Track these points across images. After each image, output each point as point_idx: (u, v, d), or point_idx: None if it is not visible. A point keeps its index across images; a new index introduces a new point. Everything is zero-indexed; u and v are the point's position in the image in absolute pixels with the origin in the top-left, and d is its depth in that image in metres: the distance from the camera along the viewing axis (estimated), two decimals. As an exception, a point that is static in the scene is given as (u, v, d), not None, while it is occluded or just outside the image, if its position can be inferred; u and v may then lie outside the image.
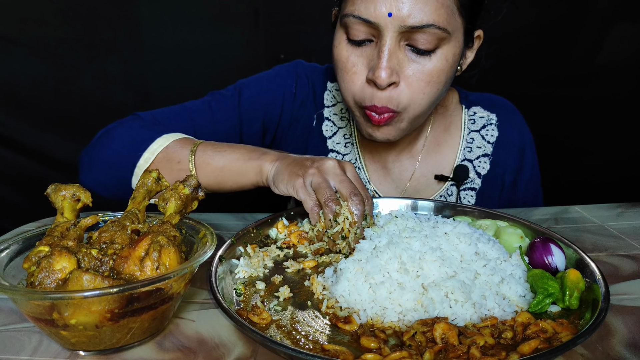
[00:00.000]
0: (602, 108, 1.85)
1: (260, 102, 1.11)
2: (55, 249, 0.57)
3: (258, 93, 1.11)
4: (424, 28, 0.84)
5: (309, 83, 1.15)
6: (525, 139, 1.17)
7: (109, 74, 1.76)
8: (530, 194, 1.18)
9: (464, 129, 1.15)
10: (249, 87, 1.11)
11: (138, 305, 0.55)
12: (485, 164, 1.13)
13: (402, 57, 0.88)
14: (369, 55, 0.90)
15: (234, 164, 0.87)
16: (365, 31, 0.88)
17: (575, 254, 0.75)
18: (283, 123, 1.14)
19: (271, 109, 1.12)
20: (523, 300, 0.67)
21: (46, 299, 0.52)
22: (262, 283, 0.73)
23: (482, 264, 0.70)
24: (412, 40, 0.86)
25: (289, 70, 1.15)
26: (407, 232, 0.76)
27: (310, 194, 0.80)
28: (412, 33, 0.85)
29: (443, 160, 1.14)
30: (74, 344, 0.57)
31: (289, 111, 1.13)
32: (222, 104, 1.09)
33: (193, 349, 0.59)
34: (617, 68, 1.81)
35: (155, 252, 0.58)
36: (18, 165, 1.81)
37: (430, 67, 0.89)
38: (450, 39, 0.88)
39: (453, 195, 1.12)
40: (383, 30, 0.85)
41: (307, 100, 1.15)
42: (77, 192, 0.68)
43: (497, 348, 0.58)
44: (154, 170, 0.74)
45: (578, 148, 1.90)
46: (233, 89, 1.12)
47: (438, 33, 0.85)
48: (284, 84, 1.13)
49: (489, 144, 1.14)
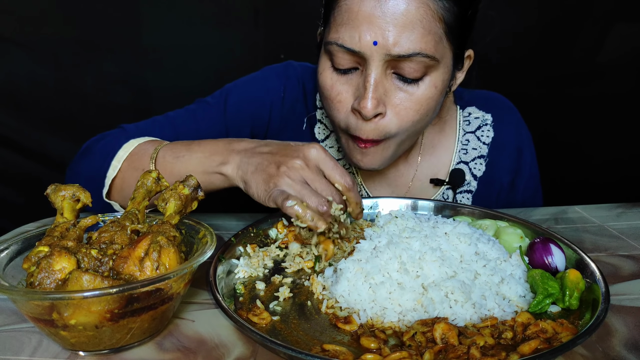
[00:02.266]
0: (602, 108, 1.85)
1: (247, 108, 1.09)
2: (55, 249, 0.56)
3: (245, 99, 1.09)
4: (410, 57, 0.81)
5: (299, 84, 1.12)
6: (522, 138, 1.15)
7: (108, 74, 1.76)
8: (529, 194, 1.17)
9: (459, 130, 1.13)
10: (236, 93, 1.09)
11: (138, 306, 0.55)
12: (481, 165, 1.12)
13: (389, 86, 0.86)
14: (355, 83, 0.88)
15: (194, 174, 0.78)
16: (350, 59, 0.85)
17: (575, 254, 0.75)
18: (272, 128, 1.12)
19: (259, 115, 1.10)
20: (523, 300, 0.67)
21: (46, 299, 0.52)
22: (262, 283, 0.73)
23: (482, 264, 0.70)
24: (398, 68, 0.84)
25: (277, 72, 1.13)
26: (407, 232, 0.76)
27: (295, 207, 0.72)
28: (399, 62, 0.83)
29: (438, 162, 1.13)
30: (74, 344, 0.57)
31: (277, 116, 1.11)
32: (207, 113, 1.07)
33: (193, 349, 0.59)
34: (618, 68, 1.81)
35: (155, 252, 0.58)
36: (18, 165, 1.80)
37: (419, 95, 0.86)
38: (438, 65, 0.85)
39: (449, 199, 1.12)
40: (368, 60, 0.83)
41: (297, 103, 1.12)
42: (77, 193, 0.68)
43: (497, 348, 0.58)
44: (153, 170, 0.74)
45: (578, 148, 1.90)
46: (219, 95, 1.09)
47: (426, 61, 0.83)
48: (271, 88, 1.10)
49: (484, 145, 1.13)
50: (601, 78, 1.82)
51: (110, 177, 0.87)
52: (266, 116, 1.11)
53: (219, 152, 0.82)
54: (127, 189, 0.88)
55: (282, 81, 1.12)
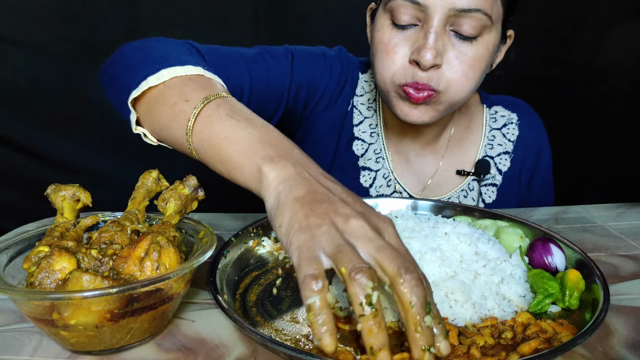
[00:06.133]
0: (602, 108, 1.85)
1: (309, 73, 1.09)
2: (55, 249, 0.56)
3: (308, 64, 1.09)
4: (471, 12, 0.86)
5: (348, 72, 1.15)
6: (542, 141, 1.20)
7: (109, 74, 1.76)
8: (544, 194, 1.21)
9: (486, 126, 1.17)
10: (302, 56, 1.08)
11: (138, 306, 0.55)
12: (506, 161, 1.15)
13: (447, 41, 0.89)
14: (413, 38, 0.91)
15: (237, 145, 0.62)
16: (412, 14, 0.89)
17: (575, 254, 0.75)
18: (322, 101, 1.13)
19: (316, 83, 1.11)
20: (523, 300, 0.67)
21: (46, 299, 0.52)
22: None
23: (482, 264, 0.70)
24: (457, 25, 0.88)
25: (334, 55, 1.15)
26: (407, 232, 0.76)
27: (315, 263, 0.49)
28: (458, 17, 0.87)
29: (465, 156, 1.16)
30: (74, 344, 0.57)
31: (330, 91, 1.13)
32: (276, 60, 1.03)
33: (193, 349, 0.59)
34: (618, 68, 1.81)
35: (155, 252, 0.58)
36: (18, 165, 1.80)
37: (473, 53, 0.90)
38: (492, 27, 0.90)
39: (474, 190, 1.14)
40: (432, 13, 0.86)
41: (345, 85, 1.15)
42: (77, 193, 0.68)
43: (497, 348, 0.58)
44: (153, 170, 0.74)
45: (578, 148, 1.90)
46: (284, 50, 1.06)
47: (483, 19, 0.87)
48: (330, 64, 1.13)
49: (509, 142, 1.16)
50: (602, 78, 1.82)
51: (151, 82, 0.70)
52: (322, 87, 1.12)
53: (276, 145, 0.61)
54: (156, 108, 0.71)
55: (339, 62, 1.14)
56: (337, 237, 0.50)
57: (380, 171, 1.14)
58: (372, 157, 1.15)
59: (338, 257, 0.49)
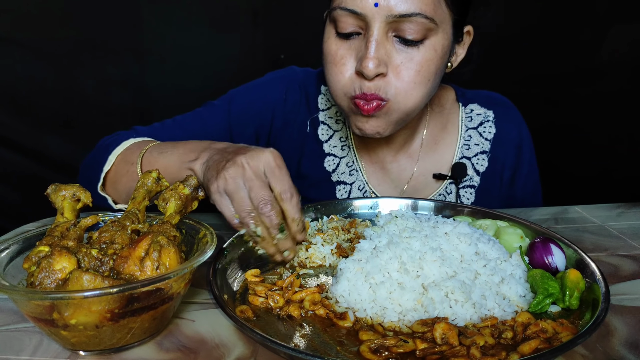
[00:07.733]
0: (603, 108, 1.85)
1: (250, 109, 1.13)
2: (55, 249, 0.56)
3: (248, 101, 1.13)
4: (410, 17, 0.84)
5: (300, 88, 1.15)
6: (522, 136, 1.17)
7: (109, 75, 1.76)
8: (528, 190, 1.19)
9: (462, 126, 1.15)
10: (239, 98, 1.14)
11: (138, 305, 0.55)
12: (483, 161, 1.14)
13: (390, 48, 0.88)
14: (357, 48, 0.90)
15: (171, 167, 0.84)
16: (352, 23, 0.88)
17: (575, 254, 0.75)
18: (275, 127, 1.15)
19: (262, 115, 1.14)
20: (523, 300, 0.67)
21: (46, 299, 0.52)
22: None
23: (482, 264, 0.70)
24: (399, 30, 0.87)
25: (279, 77, 1.17)
26: (407, 232, 0.76)
27: (225, 203, 0.72)
28: (399, 23, 0.85)
29: (441, 158, 1.14)
30: (74, 344, 0.57)
31: (280, 115, 1.14)
32: (212, 113, 1.12)
33: (193, 349, 0.59)
34: (618, 67, 1.81)
35: (155, 252, 0.58)
36: (18, 166, 1.80)
37: (419, 58, 0.89)
38: (437, 30, 0.88)
39: (452, 193, 1.12)
40: (370, 21, 0.86)
41: (299, 105, 1.15)
42: (77, 192, 0.68)
43: (497, 348, 0.58)
44: (154, 170, 0.74)
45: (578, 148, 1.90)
46: (224, 98, 1.15)
47: (425, 22, 0.85)
48: (274, 89, 1.15)
49: (486, 141, 1.14)
50: (602, 77, 1.82)
51: (105, 170, 0.92)
52: (269, 115, 1.14)
53: (197, 150, 0.83)
54: (118, 183, 0.92)
55: (284, 85, 1.15)
56: (228, 179, 0.71)
57: (355, 183, 1.13)
58: (345, 171, 1.14)
59: (232, 199, 0.72)
